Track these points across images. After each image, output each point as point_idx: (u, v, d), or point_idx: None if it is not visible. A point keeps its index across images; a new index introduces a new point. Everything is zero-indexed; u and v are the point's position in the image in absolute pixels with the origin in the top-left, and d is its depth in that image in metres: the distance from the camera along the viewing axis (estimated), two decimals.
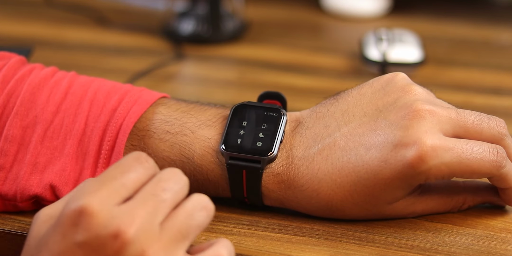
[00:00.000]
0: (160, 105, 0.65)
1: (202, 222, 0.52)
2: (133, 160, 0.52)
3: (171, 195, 0.51)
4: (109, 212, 0.49)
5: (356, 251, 0.60)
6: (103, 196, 0.50)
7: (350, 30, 1.13)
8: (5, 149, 0.63)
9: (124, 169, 0.51)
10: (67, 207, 0.50)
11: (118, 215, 0.50)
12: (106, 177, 0.51)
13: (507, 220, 0.64)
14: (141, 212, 0.50)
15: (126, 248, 0.49)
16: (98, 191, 0.50)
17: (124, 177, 0.51)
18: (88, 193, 0.50)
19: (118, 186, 0.51)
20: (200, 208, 0.52)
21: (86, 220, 0.49)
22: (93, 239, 0.49)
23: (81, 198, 0.50)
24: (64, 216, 0.50)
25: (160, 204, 0.51)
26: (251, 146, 0.62)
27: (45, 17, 1.11)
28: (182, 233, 0.51)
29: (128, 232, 0.49)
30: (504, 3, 1.21)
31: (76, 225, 0.49)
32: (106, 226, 0.49)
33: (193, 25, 1.04)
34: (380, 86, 0.63)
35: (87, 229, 0.49)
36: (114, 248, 0.49)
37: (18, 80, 0.65)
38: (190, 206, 0.52)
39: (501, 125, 0.62)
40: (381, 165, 0.59)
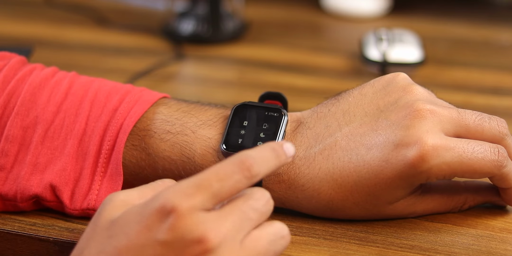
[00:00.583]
0: (160, 105, 0.65)
1: (280, 250, 0.52)
2: (237, 166, 0.51)
3: (258, 216, 0.52)
4: (198, 217, 0.49)
5: (356, 251, 0.60)
6: (196, 201, 0.50)
7: (350, 30, 1.13)
8: (6, 149, 0.63)
9: (226, 174, 0.51)
10: (156, 201, 0.50)
11: (206, 222, 0.50)
12: (203, 180, 0.50)
13: (507, 220, 0.64)
14: (228, 224, 0.50)
15: (208, 255, 0.49)
16: (193, 195, 0.50)
17: (224, 183, 0.50)
18: (182, 193, 0.50)
19: (213, 194, 0.50)
20: (281, 236, 0.52)
21: (174, 220, 0.49)
22: (177, 240, 0.49)
23: (173, 196, 0.50)
24: (152, 208, 0.50)
25: (246, 222, 0.51)
26: (252, 146, 0.62)
27: (45, 17, 1.11)
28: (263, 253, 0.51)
29: (213, 240, 0.49)
30: (504, 3, 1.21)
31: (162, 223, 0.49)
32: (192, 231, 0.49)
33: (193, 25, 1.04)
34: (381, 86, 0.63)
35: (173, 229, 0.49)
36: (195, 253, 0.49)
37: (19, 80, 0.65)
38: (273, 232, 0.52)
39: (502, 125, 0.62)
40: (382, 165, 0.59)
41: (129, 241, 0.50)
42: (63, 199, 0.63)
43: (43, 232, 0.63)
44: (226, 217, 0.51)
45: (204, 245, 0.49)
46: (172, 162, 0.63)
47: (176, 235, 0.49)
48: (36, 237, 0.62)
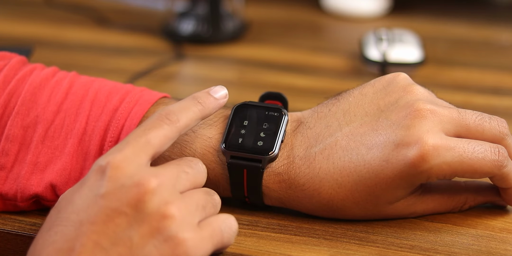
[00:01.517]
0: (161, 105, 0.65)
1: (217, 203, 0.57)
2: (156, 118, 0.56)
3: (193, 172, 0.56)
4: (134, 166, 0.53)
5: (356, 251, 0.60)
6: (128, 152, 0.53)
7: (350, 30, 1.13)
8: (6, 149, 0.63)
9: (148, 127, 0.55)
10: (93, 165, 0.53)
11: (143, 170, 0.53)
12: (131, 136, 0.55)
13: (507, 220, 0.64)
14: (165, 172, 0.54)
15: (149, 197, 0.52)
16: (124, 149, 0.53)
17: (149, 134, 0.55)
18: (113, 151, 0.53)
19: (142, 144, 0.54)
20: (214, 193, 0.58)
21: (111, 172, 0.52)
22: (116, 188, 0.52)
23: (107, 156, 0.53)
24: (90, 173, 0.53)
25: (182, 174, 0.55)
26: (252, 145, 0.62)
27: (45, 17, 1.11)
28: (200, 204, 0.55)
29: (151, 182, 0.52)
30: (504, 3, 1.21)
31: (101, 179, 0.52)
32: (130, 177, 0.52)
33: (193, 25, 1.04)
34: (382, 86, 0.63)
35: (111, 181, 0.52)
36: (136, 196, 0.52)
37: (19, 80, 0.65)
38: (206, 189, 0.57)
39: (503, 124, 0.62)
40: (382, 165, 0.59)
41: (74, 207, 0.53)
42: None
43: None
44: (162, 168, 0.54)
45: (143, 187, 0.52)
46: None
47: (114, 184, 0.52)
48: None
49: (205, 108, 0.59)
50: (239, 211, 0.65)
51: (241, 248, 0.61)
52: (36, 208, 0.64)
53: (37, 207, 0.64)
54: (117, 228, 0.52)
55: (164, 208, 0.52)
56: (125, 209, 0.52)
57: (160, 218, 0.52)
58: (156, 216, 0.52)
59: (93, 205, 0.52)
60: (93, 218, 0.52)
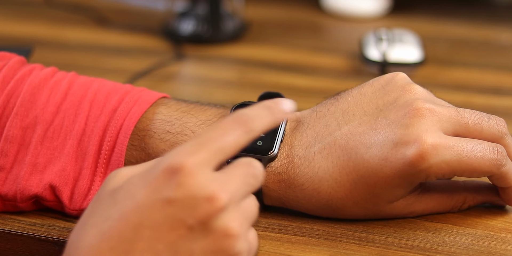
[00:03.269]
0: (160, 105, 0.65)
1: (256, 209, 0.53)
2: (234, 122, 0.52)
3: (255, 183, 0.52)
4: (207, 175, 0.49)
5: (356, 251, 0.60)
6: (202, 158, 0.49)
7: (350, 30, 1.13)
8: (5, 149, 0.63)
9: (225, 131, 0.51)
10: (162, 162, 0.50)
11: (215, 180, 0.50)
12: (205, 138, 0.51)
13: (507, 220, 0.64)
14: (234, 184, 0.50)
15: (218, 214, 0.49)
16: (198, 152, 0.50)
17: (224, 140, 0.51)
18: (187, 152, 0.49)
19: (217, 149, 0.50)
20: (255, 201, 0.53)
21: (183, 178, 0.49)
22: (187, 198, 0.49)
23: (179, 156, 0.49)
24: (158, 170, 0.49)
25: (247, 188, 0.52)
26: (251, 145, 0.62)
27: (45, 17, 1.11)
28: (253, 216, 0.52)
29: (223, 199, 0.49)
30: (504, 3, 1.21)
31: (170, 182, 0.49)
32: (202, 188, 0.49)
33: (193, 25, 1.04)
34: (380, 86, 0.63)
35: (182, 187, 0.49)
36: (206, 211, 0.49)
37: (18, 81, 0.65)
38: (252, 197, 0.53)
39: (501, 124, 0.62)
40: (381, 164, 0.59)
41: (136, 204, 0.49)
42: (62, 199, 0.63)
43: (43, 232, 0.63)
44: (232, 178, 0.51)
45: (215, 203, 0.49)
46: None
47: (185, 192, 0.49)
48: (36, 237, 0.63)
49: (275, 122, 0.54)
50: None
51: None
52: (36, 208, 0.64)
53: (37, 207, 0.64)
54: (180, 239, 0.49)
55: (230, 226, 0.50)
56: (191, 222, 0.49)
57: (225, 235, 0.50)
58: (220, 233, 0.49)
59: (157, 209, 0.49)
60: (156, 223, 0.49)
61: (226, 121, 0.52)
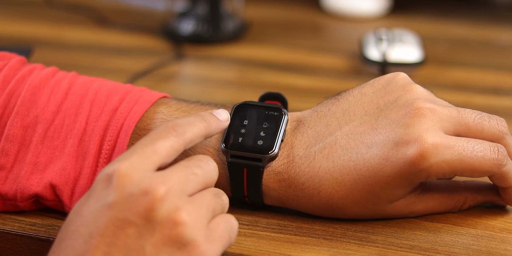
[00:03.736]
0: (161, 104, 0.65)
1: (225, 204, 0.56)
2: (162, 130, 0.54)
3: (203, 172, 0.54)
4: (140, 174, 0.51)
5: (356, 251, 0.60)
6: (134, 160, 0.52)
7: (350, 30, 1.13)
8: (6, 149, 0.63)
9: (154, 137, 0.54)
10: (99, 175, 0.52)
11: (150, 177, 0.51)
12: (137, 145, 0.53)
13: (507, 220, 0.64)
14: (173, 177, 0.52)
15: (158, 205, 0.51)
16: (129, 157, 0.52)
17: (155, 144, 0.53)
18: (119, 160, 0.52)
19: (149, 152, 0.53)
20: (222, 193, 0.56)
21: (118, 181, 0.51)
22: (123, 197, 0.51)
23: (112, 164, 0.52)
24: (96, 183, 0.52)
25: (191, 176, 0.53)
26: (252, 144, 0.62)
27: (45, 17, 1.11)
28: (210, 206, 0.54)
29: (160, 190, 0.51)
30: (504, 3, 1.21)
31: (107, 188, 0.51)
32: (137, 185, 0.51)
33: (193, 25, 1.04)
34: (381, 86, 0.63)
35: (117, 189, 0.51)
36: (145, 205, 0.50)
37: (19, 80, 0.65)
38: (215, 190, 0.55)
39: (502, 123, 0.62)
40: (382, 163, 0.59)
41: (82, 219, 0.51)
42: (63, 198, 0.63)
43: (43, 232, 0.63)
44: (170, 172, 0.53)
45: (151, 195, 0.51)
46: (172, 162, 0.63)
47: (121, 194, 0.51)
48: (36, 237, 0.63)
49: (210, 126, 0.58)
50: (239, 211, 0.65)
51: (241, 248, 0.61)
52: (36, 208, 0.64)
53: (37, 207, 0.64)
54: (128, 238, 0.51)
55: (175, 215, 0.51)
56: (134, 219, 0.51)
57: (172, 225, 0.51)
58: (167, 224, 0.51)
59: (101, 216, 0.51)
60: (102, 229, 0.51)
61: (157, 128, 0.55)
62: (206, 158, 0.56)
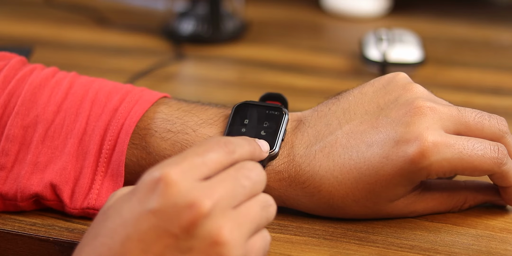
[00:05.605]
0: (161, 104, 0.65)
1: (270, 217, 0.53)
2: (215, 143, 0.53)
3: (251, 184, 0.52)
4: (188, 183, 0.50)
5: (356, 251, 0.60)
6: (184, 168, 0.50)
7: (350, 30, 1.13)
8: (6, 148, 0.63)
9: (207, 149, 0.52)
10: (146, 176, 0.50)
11: (197, 188, 0.50)
12: (188, 153, 0.52)
13: (507, 220, 0.64)
14: (221, 190, 0.50)
15: (202, 221, 0.49)
16: (180, 163, 0.50)
17: (206, 156, 0.52)
18: (169, 164, 0.50)
19: (199, 163, 0.51)
20: (269, 204, 0.54)
21: (164, 188, 0.49)
22: (168, 207, 0.49)
23: (161, 168, 0.50)
24: (142, 183, 0.50)
25: (239, 189, 0.51)
26: None
27: (45, 17, 1.11)
28: (254, 221, 0.52)
29: (205, 205, 0.49)
30: (504, 3, 1.21)
31: (152, 192, 0.49)
32: (183, 196, 0.49)
33: (193, 25, 1.04)
34: (381, 85, 0.63)
35: (163, 197, 0.49)
36: (188, 218, 0.49)
37: (19, 80, 0.65)
38: (263, 200, 0.53)
39: (502, 123, 0.62)
40: (382, 162, 0.59)
41: (122, 219, 0.50)
42: (63, 198, 0.63)
43: (43, 232, 0.63)
44: (218, 183, 0.51)
45: (196, 209, 0.49)
46: None
47: (167, 202, 0.49)
48: (36, 237, 0.63)
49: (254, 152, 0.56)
50: None
51: None
52: (36, 208, 0.64)
53: (37, 207, 0.64)
54: (166, 249, 0.49)
55: (217, 233, 0.49)
56: (175, 231, 0.49)
57: (212, 243, 0.49)
58: (207, 241, 0.49)
59: (142, 221, 0.49)
60: (142, 235, 0.49)
61: (209, 141, 0.53)
62: (256, 166, 0.53)
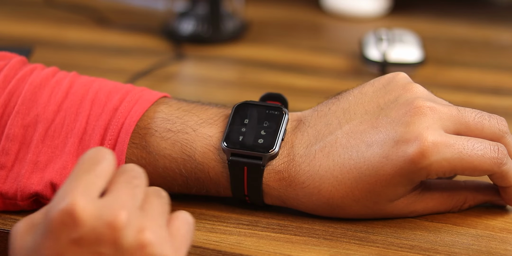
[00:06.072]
0: (161, 104, 0.65)
1: (168, 200, 0.54)
2: (95, 153, 0.53)
3: (140, 182, 0.53)
4: (95, 204, 0.50)
5: (356, 251, 0.60)
6: (83, 191, 0.50)
7: (350, 30, 1.13)
8: (7, 148, 0.63)
9: (92, 162, 0.52)
10: (52, 211, 0.50)
11: (106, 205, 0.50)
12: (78, 173, 0.52)
13: (507, 220, 0.64)
14: (124, 198, 0.51)
15: (124, 232, 0.50)
16: (77, 187, 0.50)
17: (96, 169, 0.52)
18: (66, 194, 0.50)
19: (93, 178, 0.51)
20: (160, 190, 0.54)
21: (77, 216, 0.49)
22: (89, 232, 0.49)
23: (63, 199, 0.50)
24: (51, 219, 0.50)
25: (135, 190, 0.52)
26: (252, 143, 0.62)
27: (45, 17, 1.11)
28: (162, 212, 0.53)
29: (122, 218, 0.50)
30: (504, 3, 1.21)
31: (67, 225, 0.49)
32: (99, 218, 0.50)
33: (193, 25, 1.04)
34: (381, 85, 0.63)
35: (80, 225, 0.49)
36: (112, 236, 0.50)
37: (19, 80, 0.65)
38: (154, 190, 0.54)
39: (502, 123, 0.62)
40: (382, 161, 0.59)
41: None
42: None
43: None
44: (119, 193, 0.51)
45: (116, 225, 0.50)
46: (172, 160, 0.63)
47: (86, 229, 0.49)
48: None
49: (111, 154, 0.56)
50: (239, 211, 0.65)
51: (241, 248, 0.61)
52: (36, 207, 0.64)
53: (37, 206, 0.64)
54: None
55: (141, 237, 0.50)
56: (104, 250, 0.50)
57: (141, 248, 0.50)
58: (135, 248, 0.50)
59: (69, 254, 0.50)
60: None
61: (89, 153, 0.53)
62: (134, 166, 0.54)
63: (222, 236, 0.62)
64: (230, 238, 0.62)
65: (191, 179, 0.64)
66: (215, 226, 0.63)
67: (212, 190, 0.64)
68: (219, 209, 0.65)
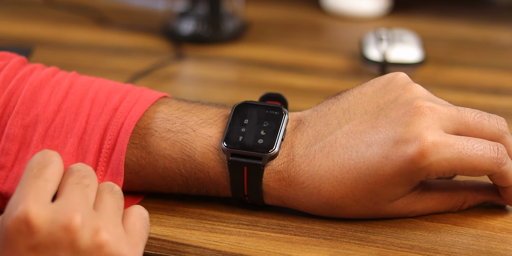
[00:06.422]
0: (161, 104, 0.65)
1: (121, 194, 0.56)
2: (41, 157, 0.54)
3: (90, 180, 0.54)
4: (48, 209, 0.51)
5: (356, 251, 0.60)
6: (34, 197, 0.51)
7: (350, 30, 1.13)
8: (7, 148, 0.63)
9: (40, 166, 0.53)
10: (6, 220, 0.51)
11: (60, 209, 0.51)
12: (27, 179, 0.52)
13: (507, 220, 0.64)
14: (76, 200, 0.52)
15: (80, 235, 0.51)
16: (28, 194, 0.51)
17: (44, 173, 0.53)
18: (19, 201, 0.51)
19: (42, 183, 0.52)
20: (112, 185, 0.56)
21: (31, 223, 0.50)
22: (45, 238, 0.50)
23: (16, 207, 0.51)
24: (7, 228, 0.50)
25: (87, 190, 0.53)
26: (252, 143, 0.62)
27: (45, 17, 1.11)
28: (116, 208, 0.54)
29: (77, 220, 0.51)
30: (504, 3, 1.21)
31: (22, 232, 0.50)
32: (53, 222, 0.50)
33: (193, 25, 1.04)
34: (381, 85, 0.63)
35: (36, 231, 0.50)
36: (69, 239, 0.50)
37: (19, 80, 0.65)
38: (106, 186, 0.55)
39: (502, 123, 0.62)
40: (382, 161, 0.59)
41: None
42: None
43: None
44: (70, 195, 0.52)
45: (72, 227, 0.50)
46: (172, 160, 0.63)
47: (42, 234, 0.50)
48: None
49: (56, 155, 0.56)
50: (239, 211, 0.65)
51: (241, 248, 0.61)
52: None
53: None
54: None
55: (97, 238, 0.51)
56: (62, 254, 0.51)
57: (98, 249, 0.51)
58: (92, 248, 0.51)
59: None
60: None
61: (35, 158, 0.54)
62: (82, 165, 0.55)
63: (222, 236, 0.62)
64: (230, 238, 0.62)
65: (191, 179, 0.64)
66: (215, 226, 0.63)
67: (212, 190, 0.64)
68: (219, 209, 0.65)
